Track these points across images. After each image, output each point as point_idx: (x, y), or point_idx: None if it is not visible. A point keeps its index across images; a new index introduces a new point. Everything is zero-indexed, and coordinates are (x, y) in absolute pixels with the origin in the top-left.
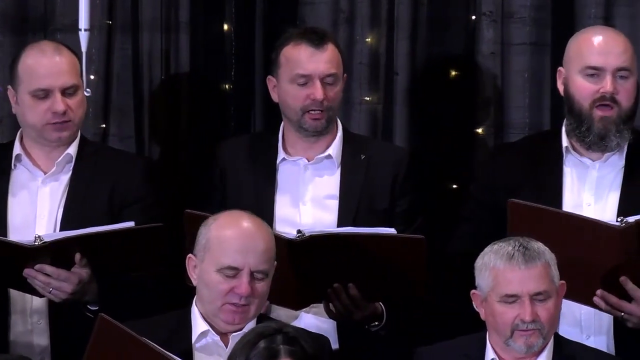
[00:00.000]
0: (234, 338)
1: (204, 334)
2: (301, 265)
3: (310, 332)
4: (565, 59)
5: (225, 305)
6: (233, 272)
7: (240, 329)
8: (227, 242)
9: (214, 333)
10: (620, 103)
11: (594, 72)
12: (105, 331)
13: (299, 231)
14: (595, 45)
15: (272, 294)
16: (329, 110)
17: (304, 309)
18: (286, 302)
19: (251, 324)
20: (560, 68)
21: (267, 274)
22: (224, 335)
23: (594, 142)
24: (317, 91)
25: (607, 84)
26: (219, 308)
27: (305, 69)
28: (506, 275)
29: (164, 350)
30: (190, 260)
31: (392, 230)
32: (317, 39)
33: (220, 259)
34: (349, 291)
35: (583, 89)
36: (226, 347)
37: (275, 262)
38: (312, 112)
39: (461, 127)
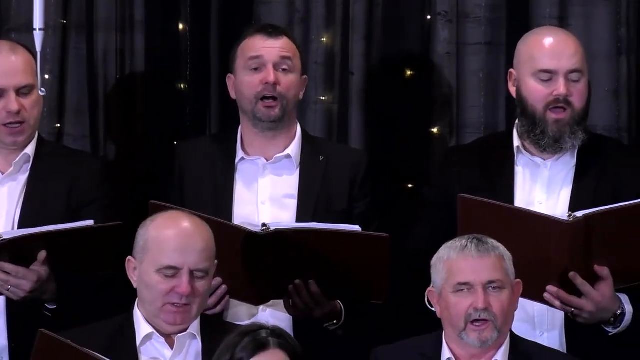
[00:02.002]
0: (179, 339)
1: (148, 337)
2: (263, 260)
3: None
4: (516, 61)
5: (165, 305)
6: (172, 271)
7: (184, 330)
8: (165, 242)
9: (158, 335)
10: (574, 104)
11: (547, 76)
12: (46, 346)
13: (264, 225)
14: (547, 48)
15: (232, 289)
16: (283, 99)
17: (262, 307)
18: (246, 298)
19: (195, 325)
20: (511, 70)
21: (207, 272)
22: (168, 337)
23: (549, 144)
24: (270, 74)
25: (560, 87)
26: (160, 309)
27: (257, 51)
28: (459, 264)
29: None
30: (130, 263)
31: (357, 228)
32: (271, 29)
33: (159, 259)
34: (309, 288)
35: (536, 92)
36: (171, 348)
37: (216, 262)
38: (266, 99)
39: (417, 127)
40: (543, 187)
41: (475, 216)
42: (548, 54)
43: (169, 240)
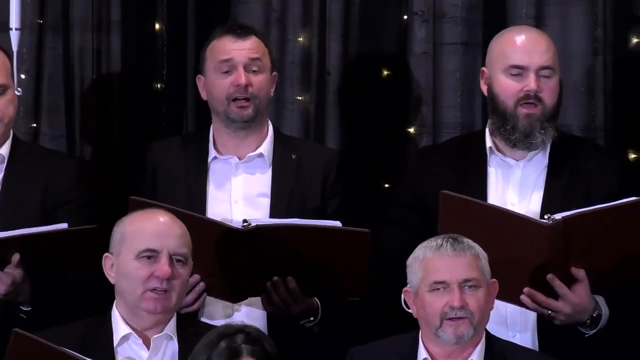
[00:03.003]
0: (156, 340)
1: (125, 337)
2: (242, 257)
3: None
4: (488, 59)
5: (146, 292)
6: (152, 253)
7: (160, 330)
8: (143, 229)
9: (136, 336)
10: (544, 101)
11: (518, 71)
12: (20, 346)
13: (244, 221)
14: (519, 45)
15: (210, 287)
16: (255, 99)
17: (237, 306)
18: (224, 295)
19: (172, 325)
20: (483, 68)
21: (186, 259)
22: (145, 338)
23: (519, 139)
24: (240, 77)
25: (530, 82)
26: (140, 296)
27: (227, 54)
28: (435, 263)
29: (84, 357)
30: (107, 259)
31: (337, 223)
32: (240, 30)
33: (137, 245)
34: (288, 284)
35: (507, 87)
36: (148, 349)
37: (191, 263)
38: (238, 100)
39: (393, 127)
40: (515, 188)
41: (456, 213)
42: (519, 50)
43: (147, 227)
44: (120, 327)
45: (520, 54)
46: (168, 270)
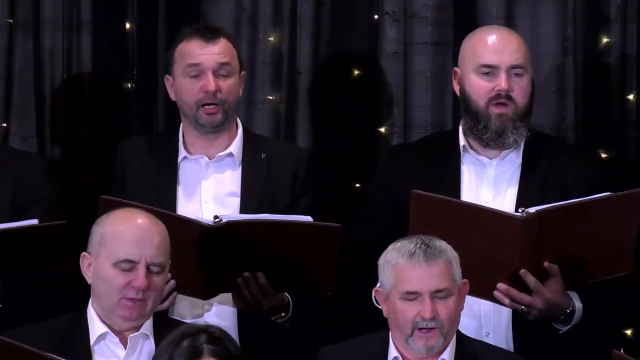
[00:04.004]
0: (132, 339)
1: (102, 336)
2: (213, 253)
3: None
4: (460, 59)
5: (122, 300)
6: (129, 265)
7: (137, 328)
8: (122, 235)
9: (113, 335)
10: (516, 100)
11: (489, 70)
12: None
13: (215, 217)
14: (490, 44)
15: (180, 284)
16: (224, 104)
17: (207, 305)
18: (194, 292)
19: (148, 323)
20: (455, 68)
21: (163, 267)
22: (122, 337)
23: (492, 139)
24: (209, 83)
25: (501, 82)
26: (116, 303)
27: (196, 58)
28: (407, 272)
29: (58, 358)
30: (85, 258)
31: (308, 218)
32: (208, 32)
33: (115, 252)
34: (258, 280)
35: (478, 87)
36: (125, 348)
37: (170, 261)
38: (207, 106)
39: (364, 126)
40: (489, 186)
41: (428, 212)
42: (490, 49)
43: (126, 234)
44: (96, 326)
45: (491, 53)
46: (144, 282)
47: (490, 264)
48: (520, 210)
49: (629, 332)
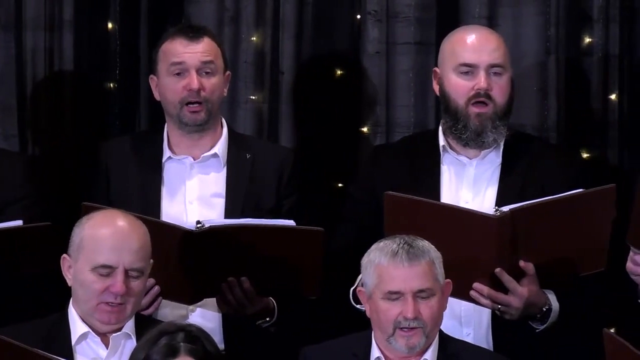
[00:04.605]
0: (114, 339)
1: (83, 336)
2: (197, 258)
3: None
4: (440, 59)
5: (100, 304)
6: (107, 270)
7: (119, 329)
8: (100, 240)
9: (94, 335)
10: (495, 99)
11: (468, 70)
12: None
13: (198, 222)
14: (469, 44)
15: (165, 289)
16: (208, 103)
17: (191, 307)
18: (179, 297)
19: (130, 324)
20: (435, 68)
21: (142, 272)
22: (104, 337)
23: (471, 138)
24: (193, 81)
25: (480, 81)
26: (94, 307)
27: (179, 57)
28: (390, 272)
29: (46, 353)
30: (65, 261)
31: (291, 222)
32: (192, 32)
33: (94, 257)
34: (242, 285)
35: (458, 86)
36: (107, 348)
37: (152, 261)
38: (190, 105)
39: (347, 126)
40: (469, 186)
41: (402, 214)
42: (469, 48)
43: (105, 238)
44: (77, 326)
45: (470, 52)
46: (122, 287)
47: (466, 264)
48: (494, 209)
49: (612, 330)
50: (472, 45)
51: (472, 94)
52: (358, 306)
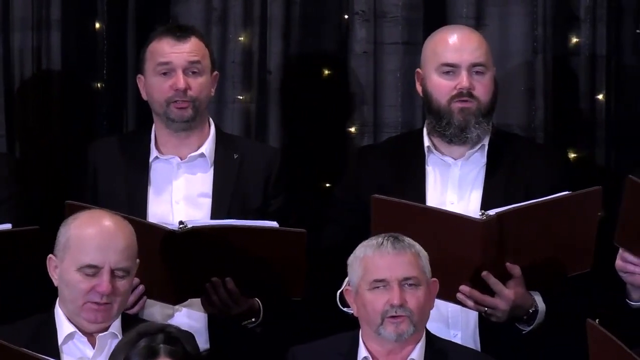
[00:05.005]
0: (101, 339)
1: (70, 336)
2: (181, 258)
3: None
4: (422, 60)
5: (86, 304)
6: (93, 270)
7: (106, 328)
8: (86, 240)
9: (81, 334)
10: (478, 98)
11: (450, 69)
12: None
13: (181, 222)
14: (450, 43)
15: (150, 289)
16: (195, 101)
17: (177, 307)
18: (164, 297)
19: (117, 323)
20: (418, 69)
21: (128, 271)
22: (90, 336)
23: (455, 134)
24: (179, 81)
25: (463, 80)
26: (81, 307)
27: (166, 57)
28: (375, 261)
29: (34, 353)
30: (51, 261)
31: (274, 224)
32: (179, 31)
33: (79, 257)
34: (227, 285)
35: (440, 86)
36: (93, 348)
37: (138, 261)
38: (177, 102)
39: (334, 126)
40: (454, 187)
41: (389, 217)
42: (451, 48)
43: (90, 238)
44: (64, 326)
45: (451, 52)
46: (108, 287)
47: (452, 266)
48: (480, 213)
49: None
50: (453, 45)
51: (454, 94)
52: (345, 309)
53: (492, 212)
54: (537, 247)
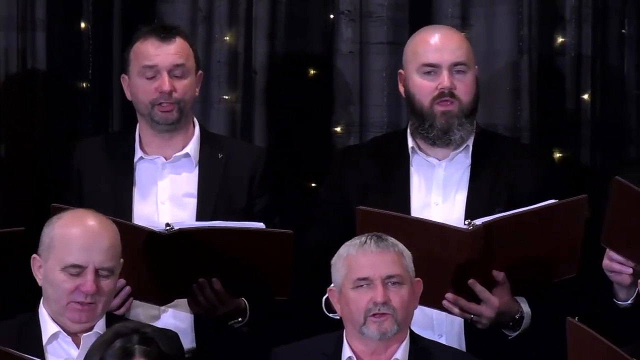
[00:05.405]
0: (85, 339)
1: (54, 336)
2: (167, 260)
3: (161, 329)
4: (404, 61)
5: (70, 303)
6: (77, 270)
7: (90, 328)
8: (70, 240)
9: (65, 334)
10: (460, 98)
11: (431, 69)
12: None
13: (167, 224)
14: (430, 44)
15: (136, 290)
16: (180, 103)
17: (163, 307)
18: (150, 298)
19: (101, 323)
20: (400, 71)
21: (112, 271)
22: (75, 336)
23: (438, 136)
24: (164, 84)
25: (444, 80)
26: (65, 307)
27: (151, 60)
28: (358, 260)
29: (18, 353)
30: (35, 261)
31: (261, 225)
32: (164, 32)
33: (64, 257)
34: (213, 286)
35: (422, 87)
36: (78, 347)
37: (122, 261)
38: (162, 105)
39: (320, 126)
40: (438, 188)
41: (375, 228)
42: (431, 48)
43: (74, 238)
44: (48, 326)
45: (432, 52)
46: (93, 287)
47: (439, 274)
48: (466, 222)
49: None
50: (434, 45)
51: (436, 94)
52: (331, 315)
53: (478, 221)
54: (524, 255)
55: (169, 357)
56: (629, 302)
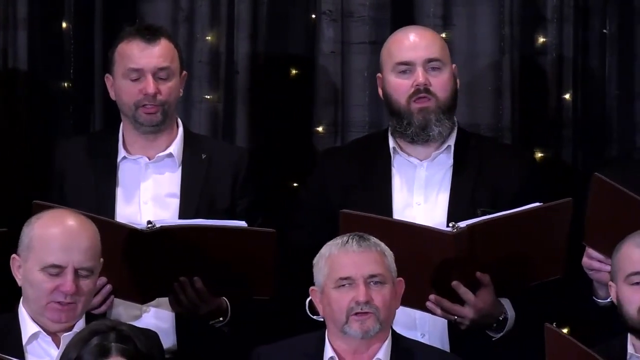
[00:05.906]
0: (65, 338)
1: (34, 336)
2: (148, 258)
3: (140, 328)
4: (380, 63)
5: (50, 303)
6: (57, 270)
7: (70, 328)
8: (50, 240)
9: (45, 334)
10: (436, 94)
11: (405, 68)
12: None
13: (149, 222)
14: (405, 43)
15: (117, 288)
16: (164, 105)
17: (145, 307)
18: (131, 296)
19: (81, 323)
20: (378, 74)
21: (92, 271)
22: (55, 336)
23: (416, 133)
24: (149, 86)
25: (418, 76)
26: (44, 307)
27: (136, 63)
28: (340, 259)
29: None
30: (15, 261)
31: (243, 224)
32: (149, 34)
33: (43, 257)
34: (195, 284)
35: (397, 86)
36: (58, 347)
37: (102, 260)
38: (146, 106)
39: (302, 126)
40: (420, 189)
41: (357, 230)
42: (405, 47)
43: (54, 238)
44: (28, 326)
45: (405, 50)
46: (72, 286)
47: (422, 275)
48: (450, 225)
49: (565, 330)
50: (407, 44)
51: (412, 91)
52: (315, 317)
53: (462, 224)
54: (508, 256)
55: (146, 355)
56: (609, 300)
